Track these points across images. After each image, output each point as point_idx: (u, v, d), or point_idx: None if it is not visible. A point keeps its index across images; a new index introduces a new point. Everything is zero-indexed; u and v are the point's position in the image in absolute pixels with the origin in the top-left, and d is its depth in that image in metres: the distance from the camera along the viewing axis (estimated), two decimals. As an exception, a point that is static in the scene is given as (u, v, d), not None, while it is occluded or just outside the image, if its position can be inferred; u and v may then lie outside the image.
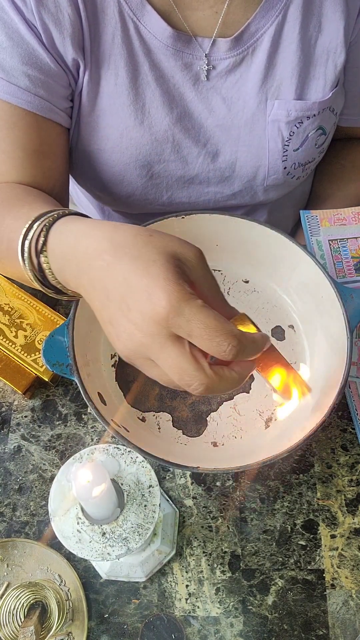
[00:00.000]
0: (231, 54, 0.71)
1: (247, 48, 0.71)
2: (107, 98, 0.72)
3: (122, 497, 0.55)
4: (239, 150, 0.78)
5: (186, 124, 0.75)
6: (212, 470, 0.62)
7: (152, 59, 0.70)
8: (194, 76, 0.72)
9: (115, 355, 0.75)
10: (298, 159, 0.79)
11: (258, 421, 0.72)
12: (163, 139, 0.75)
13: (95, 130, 0.74)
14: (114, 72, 0.70)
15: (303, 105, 0.74)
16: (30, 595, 0.63)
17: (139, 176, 0.79)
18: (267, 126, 0.76)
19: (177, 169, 0.79)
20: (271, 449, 0.64)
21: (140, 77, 0.71)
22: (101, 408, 0.65)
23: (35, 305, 0.77)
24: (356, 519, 0.71)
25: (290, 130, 0.76)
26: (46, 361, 0.65)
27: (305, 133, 0.77)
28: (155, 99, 0.73)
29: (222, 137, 0.77)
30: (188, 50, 0.71)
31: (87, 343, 0.70)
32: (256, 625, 0.66)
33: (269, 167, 0.79)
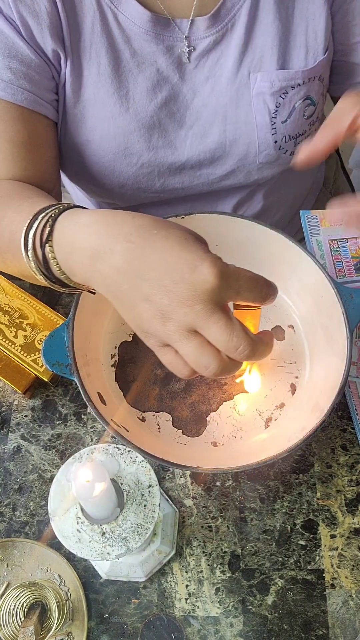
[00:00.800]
0: (210, 32, 0.72)
1: (226, 24, 0.72)
2: (91, 88, 0.72)
3: (121, 497, 0.55)
4: (227, 129, 0.78)
5: (172, 108, 0.76)
6: (212, 470, 0.62)
7: (133, 46, 0.71)
8: (177, 59, 0.73)
9: (115, 355, 0.75)
10: (287, 131, 0.79)
11: (258, 421, 0.72)
12: (150, 125, 0.76)
13: (81, 122, 0.75)
14: (96, 62, 0.71)
15: (286, 75, 0.74)
16: (30, 595, 0.63)
17: (129, 165, 0.79)
18: (252, 100, 0.76)
19: (167, 155, 0.79)
20: (271, 449, 0.64)
21: (123, 64, 0.72)
22: (101, 408, 0.65)
23: (35, 305, 0.77)
24: (356, 518, 0.71)
25: (276, 101, 0.76)
26: (46, 361, 0.65)
27: (291, 103, 0.77)
28: (139, 86, 0.73)
29: (209, 117, 0.77)
30: (168, 33, 0.71)
31: (87, 343, 0.70)
32: (256, 625, 0.66)
33: (259, 142, 0.79)
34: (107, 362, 0.74)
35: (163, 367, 0.73)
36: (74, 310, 0.67)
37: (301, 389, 0.72)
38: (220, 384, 0.73)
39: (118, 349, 0.75)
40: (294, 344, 0.76)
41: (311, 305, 0.74)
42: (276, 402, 0.72)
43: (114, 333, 0.76)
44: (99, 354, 0.74)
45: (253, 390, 0.73)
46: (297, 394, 0.72)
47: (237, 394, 0.73)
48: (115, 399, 0.72)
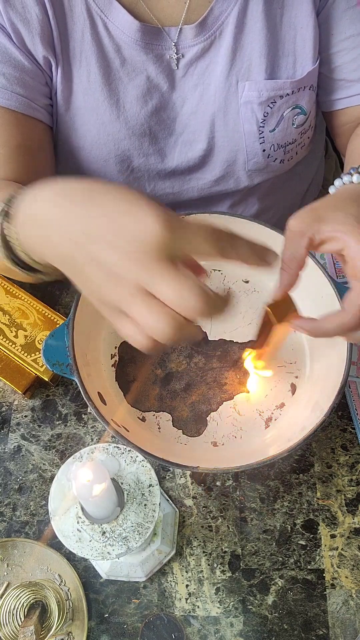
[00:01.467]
0: (198, 40, 0.72)
1: (214, 32, 0.72)
2: (81, 95, 0.73)
3: (122, 497, 0.55)
4: (216, 136, 0.78)
5: (162, 116, 0.76)
6: (212, 470, 0.62)
7: (123, 54, 0.71)
8: (166, 67, 0.73)
9: (115, 355, 0.75)
10: (276, 140, 0.79)
11: (258, 421, 0.72)
12: (140, 132, 0.76)
13: (72, 129, 0.75)
14: (86, 69, 0.71)
15: (274, 85, 0.74)
16: (30, 595, 0.63)
17: (120, 171, 0.79)
18: (240, 109, 0.76)
19: (156, 162, 0.79)
20: (271, 449, 0.64)
21: (113, 73, 0.72)
22: (101, 408, 0.65)
23: (35, 305, 0.77)
24: (356, 518, 0.71)
25: (264, 111, 0.76)
26: (46, 361, 0.65)
27: (279, 112, 0.76)
28: (129, 94, 0.73)
29: (197, 125, 0.77)
30: (157, 42, 0.71)
31: (87, 343, 0.70)
32: (256, 625, 0.66)
33: (247, 150, 0.79)
34: (107, 362, 0.74)
35: (163, 366, 0.73)
36: (74, 310, 0.67)
37: (301, 389, 0.72)
38: (220, 383, 0.73)
39: (118, 348, 0.75)
40: (294, 343, 0.76)
41: (311, 306, 0.74)
42: (276, 402, 0.72)
43: (113, 333, 0.76)
44: (99, 353, 0.74)
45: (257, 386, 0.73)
46: (297, 394, 0.72)
47: (237, 394, 0.73)
48: (115, 399, 0.72)
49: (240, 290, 0.79)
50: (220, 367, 0.74)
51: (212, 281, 0.79)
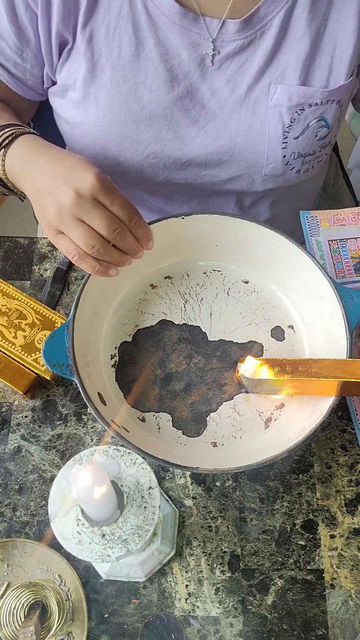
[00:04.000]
0: (239, 36, 0.72)
1: (256, 32, 0.72)
2: (109, 70, 0.73)
3: (121, 499, 0.55)
4: (239, 135, 0.78)
5: (187, 104, 0.76)
6: (211, 470, 0.62)
7: (158, 35, 0.72)
8: (200, 57, 0.73)
9: (116, 356, 0.75)
10: (298, 148, 0.79)
11: (258, 421, 0.72)
12: (161, 116, 0.76)
13: (94, 102, 0.75)
14: (118, 45, 0.72)
15: (306, 92, 0.75)
16: (30, 595, 0.63)
17: (135, 153, 0.79)
18: (269, 111, 0.76)
19: (174, 150, 0.79)
20: (271, 450, 0.64)
21: (145, 52, 0.72)
22: (101, 408, 0.65)
23: (33, 305, 0.78)
24: (355, 519, 0.71)
25: (291, 116, 0.76)
26: (46, 361, 0.65)
27: (306, 121, 0.77)
28: (158, 76, 0.73)
29: (222, 120, 0.77)
30: (195, 29, 0.71)
31: (87, 344, 0.70)
32: (256, 625, 0.67)
33: (268, 153, 0.79)
34: (107, 363, 0.74)
35: (163, 367, 0.73)
36: (74, 311, 0.67)
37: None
38: (220, 384, 0.73)
39: (118, 349, 0.75)
40: (294, 344, 0.76)
41: (311, 306, 0.74)
42: (276, 402, 0.72)
43: (113, 333, 0.76)
44: (99, 354, 0.74)
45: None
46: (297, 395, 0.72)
47: (237, 394, 0.73)
48: (115, 400, 0.72)
49: (240, 291, 0.79)
50: (220, 367, 0.74)
51: (212, 281, 0.79)
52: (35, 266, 0.85)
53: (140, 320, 0.77)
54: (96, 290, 0.71)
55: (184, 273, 0.80)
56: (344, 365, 0.64)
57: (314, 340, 0.75)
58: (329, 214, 0.83)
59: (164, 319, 0.77)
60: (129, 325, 0.77)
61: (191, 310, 0.78)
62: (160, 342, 0.76)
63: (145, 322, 0.77)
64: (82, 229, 0.61)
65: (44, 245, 0.87)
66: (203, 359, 0.75)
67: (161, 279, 0.80)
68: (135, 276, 0.78)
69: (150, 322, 0.77)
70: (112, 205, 0.61)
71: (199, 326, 0.77)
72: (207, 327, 0.77)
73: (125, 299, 0.78)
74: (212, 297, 0.78)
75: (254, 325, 0.77)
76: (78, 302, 0.68)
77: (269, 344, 0.76)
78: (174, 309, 0.78)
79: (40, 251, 0.86)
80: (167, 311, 0.78)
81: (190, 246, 0.78)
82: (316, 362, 0.65)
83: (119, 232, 0.62)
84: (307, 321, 0.76)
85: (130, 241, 0.64)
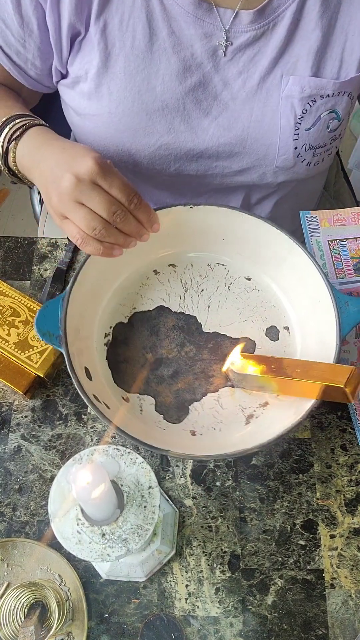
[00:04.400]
0: (252, 27, 0.72)
1: (269, 22, 0.72)
2: (122, 60, 0.73)
3: (121, 498, 0.55)
4: (251, 126, 0.78)
5: (199, 95, 0.76)
6: (181, 455, 0.62)
7: (171, 26, 0.72)
8: (212, 48, 0.73)
9: (110, 335, 0.76)
10: (309, 140, 0.79)
11: (239, 416, 0.72)
12: (174, 107, 0.76)
13: (107, 93, 0.75)
14: (131, 35, 0.72)
15: (318, 83, 0.75)
16: (30, 595, 0.63)
17: (147, 145, 0.79)
18: (281, 102, 0.76)
19: (186, 141, 0.79)
20: (247, 445, 0.64)
21: (158, 42, 0.72)
22: (85, 382, 0.66)
23: (26, 302, 0.78)
24: (355, 518, 0.71)
25: (303, 107, 0.76)
26: (37, 329, 0.66)
27: (317, 113, 0.77)
28: (170, 66, 0.74)
29: (234, 111, 0.77)
30: (209, 20, 0.72)
31: (82, 319, 0.71)
32: (256, 625, 0.67)
33: (280, 145, 0.79)
34: (101, 340, 0.75)
35: (154, 351, 0.74)
36: (72, 285, 0.68)
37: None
38: (207, 375, 0.73)
39: (113, 329, 0.76)
40: (287, 345, 0.76)
41: (308, 309, 0.74)
42: (261, 400, 0.72)
43: (111, 313, 0.77)
44: (93, 331, 0.75)
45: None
46: (283, 395, 0.72)
47: (222, 388, 0.73)
48: (102, 377, 0.73)
49: (241, 287, 0.79)
50: (210, 359, 0.74)
51: (215, 274, 0.80)
52: (35, 266, 0.85)
53: (139, 304, 0.78)
54: (98, 269, 0.73)
55: (189, 263, 0.80)
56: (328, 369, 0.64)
57: (307, 344, 0.74)
58: (329, 214, 0.83)
59: (162, 305, 0.78)
60: (126, 307, 0.78)
61: (190, 300, 0.78)
62: (155, 327, 0.77)
63: (144, 306, 0.78)
64: (83, 212, 0.63)
65: (44, 245, 0.87)
66: (194, 349, 0.75)
67: (165, 266, 0.80)
68: (139, 260, 0.79)
69: (149, 307, 0.78)
70: (110, 187, 0.63)
71: (195, 316, 0.77)
72: (204, 318, 0.77)
73: (127, 281, 0.79)
74: (212, 289, 0.79)
75: (250, 322, 0.77)
76: (77, 276, 0.69)
77: (262, 342, 0.76)
78: (174, 296, 0.78)
79: (40, 251, 0.86)
80: (167, 298, 0.78)
81: (196, 237, 0.78)
82: (301, 363, 0.66)
83: (119, 215, 0.64)
84: (302, 324, 0.76)
85: (132, 223, 0.66)
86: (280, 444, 0.74)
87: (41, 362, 0.74)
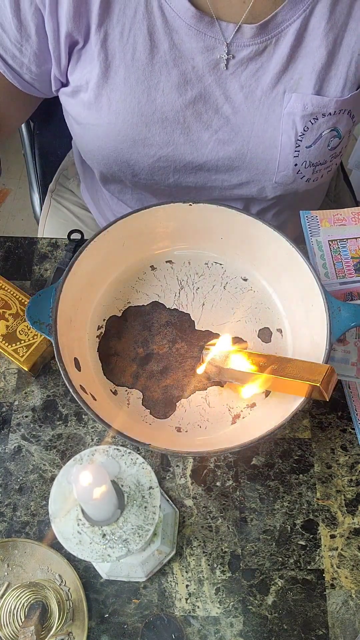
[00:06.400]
0: (254, 41, 0.72)
1: (271, 38, 0.72)
2: (123, 71, 0.73)
3: (122, 499, 0.55)
4: (251, 142, 0.78)
5: (199, 108, 0.76)
6: (162, 450, 0.62)
7: (173, 39, 0.71)
8: (214, 61, 0.73)
9: (102, 328, 0.76)
10: (310, 157, 0.79)
11: (226, 416, 0.72)
12: (173, 119, 0.76)
13: (107, 104, 0.75)
14: (132, 47, 0.72)
15: (320, 101, 0.75)
16: (30, 596, 0.63)
17: (146, 156, 0.79)
18: (282, 119, 0.76)
19: (185, 154, 0.79)
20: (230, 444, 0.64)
21: (159, 54, 0.72)
22: (72, 372, 0.66)
23: (18, 296, 0.78)
24: (356, 519, 0.71)
25: (304, 125, 0.76)
26: (28, 317, 0.67)
27: (319, 131, 0.77)
28: (171, 79, 0.73)
29: (235, 126, 0.77)
30: (210, 33, 0.71)
31: (74, 310, 0.71)
32: (256, 625, 0.67)
33: (280, 160, 0.79)
34: (93, 332, 0.75)
35: (145, 346, 0.75)
36: (65, 276, 0.69)
37: (275, 392, 0.72)
38: (197, 373, 0.73)
39: (106, 321, 0.76)
40: (278, 348, 0.76)
41: (302, 313, 0.74)
42: (248, 401, 0.73)
43: (105, 306, 0.77)
44: (85, 323, 0.75)
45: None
46: (270, 397, 0.72)
47: (211, 386, 0.73)
48: (92, 368, 0.73)
49: (236, 287, 0.79)
50: (200, 357, 0.74)
51: (211, 273, 0.80)
52: (35, 266, 0.85)
53: (134, 298, 0.78)
54: (95, 261, 0.73)
55: (186, 260, 0.80)
56: (305, 367, 0.64)
57: (299, 347, 0.74)
58: (329, 214, 0.83)
59: (156, 301, 0.78)
60: (121, 301, 0.78)
61: (185, 297, 0.78)
62: (148, 322, 0.77)
63: (138, 300, 0.78)
64: None
65: (44, 245, 0.87)
66: (186, 346, 0.75)
67: (162, 262, 0.80)
68: (137, 255, 0.79)
69: (143, 302, 0.78)
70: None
71: (189, 314, 0.77)
72: (197, 316, 0.77)
73: (123, 275, 0.79)
74: (208, 288, 0.79)
75: (243, 322, 0.77)
76: (72, 266, 0.69)
77: (253, 343, 0.76)
78: (169, 293, 0.79)
79: (40, 251, 0.86)
80: (162, 294, 0.78)
81: (195, 235, 0.78)
82: (278, 360, 0.66)
83: None
84: (295, 327, 0.76)
85: None
86: (281, 444, 0.75)
87: (27, 355, 0.74)
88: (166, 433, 0.71)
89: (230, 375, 0.69)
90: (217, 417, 0.72)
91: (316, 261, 0.81)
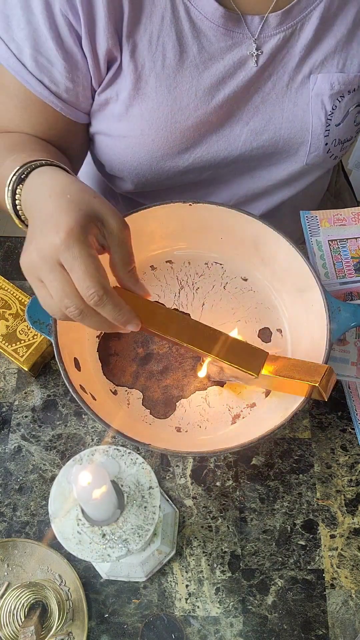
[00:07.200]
0: (280, 29, 0.72)
1: (296, 23, 0.72)
2: (154, 80, 0.72)
3: (122, 499, 0.55)
4: (283, 127, 0.78)
5: (232, 105, 0.76)
6: (162, 450, 0.62)
7: (201, 42, 0.71)
8: (243, 57, 0.73)
9: None
10: (339, 135, 0.80)
11: (226, 416, 0.72)
12: (206, 121, 0.75)
13: (139, 115, 0.74)
14: (161, 54, 0.71)
15: (345, 78, 0.75)
16: (30, 595, 0.63)
17: (182, 159, 0.79)
18: (311, 100, 0.76)
19: (220, 151, 0.79)
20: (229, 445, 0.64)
21: (189, 60, 0.71)
22: (72, 372, 0.66)
23: (18, 296, 0.78)
24: (356, 519, 0.71)
25: (332, 104, 0.76)
26: (28, 317, 0.67)
27: (346, 108, 0.77)
28: (202, 82, 0.73)
29: (266, 114, 0.77)
30: (238, 30, 0.71)
31: None
32: (256, 625, 0.67)
33: (312, 142, 0.79)
34: (93, 333, 0.75)
35: (145, 346, 0.75)
36: None
37: (275, 392, 0.72)
38: (197, 373, 0.73)
39: None
40: (278, 347, 0.76)
41: (302, 313, 0.74)
42: (248, 400, 0.73)
43: None
44: None
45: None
46: (270, 397, 0.72)
47: (211, 386, 0.73)
48: (91, 368, 0.73)
49: (237, 287, 0.79)
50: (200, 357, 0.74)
51: (211, 273, 0.80)
52: (35, 266, 0.85)
53: None
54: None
55: (186, 260, 0.80)
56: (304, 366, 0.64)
57: (299, 347, 0.74)
58: (329, 214, 0.83)
59: (156, 301, 0.78)
60: None
61: (185, 297, 0.78)
62: None
63: None
64: (43, 292, 0.56)
65: (44, 245, 0.87)
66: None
67: (162, 262, 0.80)
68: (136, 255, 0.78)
69: None
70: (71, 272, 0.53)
71: (189, 313, 0.77)
72: (197, 316, 0.77)
73: None
74: (208, 288, 0.79)
75: (243, 322, 0.77)
76: None
77: (254, 343, 0.75)
78: (169, 293, 0.78)
79: (41, 251, 0.86)
80: (162, 294, 0.78)
81: (195, 235, 0.78)
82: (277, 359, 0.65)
83: (72, 311, 0.55)
84: (295, 327, 0.76)
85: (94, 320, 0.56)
86: (280, 444, 0.75)
87: (27, 355, 0.74)
88: (166, 433, 0.71)
89: (232, 373, 0.69)
90: (217, 417, 0.72)
91: (316, 261, 0.81)
